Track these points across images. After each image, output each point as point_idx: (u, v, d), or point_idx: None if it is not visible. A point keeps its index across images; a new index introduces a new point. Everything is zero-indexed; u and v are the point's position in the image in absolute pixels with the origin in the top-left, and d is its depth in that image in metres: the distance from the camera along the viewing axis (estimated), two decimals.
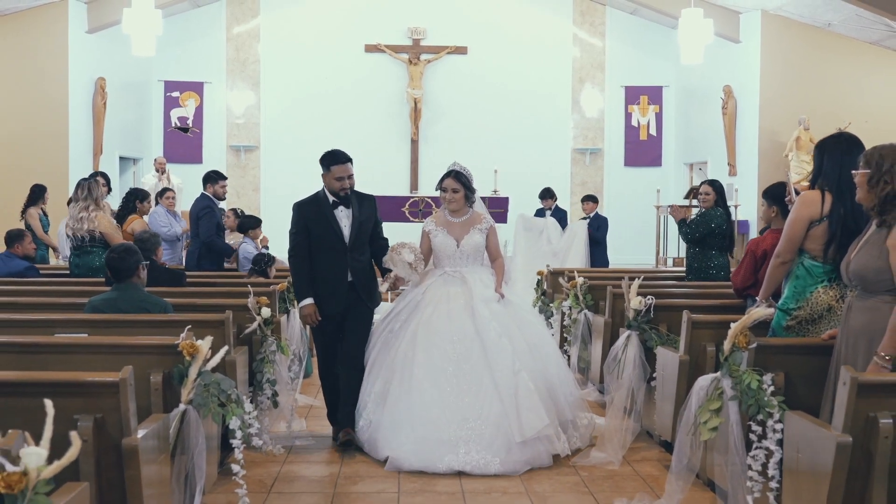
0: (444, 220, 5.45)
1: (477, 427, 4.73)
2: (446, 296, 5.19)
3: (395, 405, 4.90)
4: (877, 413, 2.86)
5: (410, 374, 4.93)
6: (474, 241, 5.36)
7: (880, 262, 3.42)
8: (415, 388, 4.87)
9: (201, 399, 3.49)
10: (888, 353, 3.29)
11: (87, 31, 14.00)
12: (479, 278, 5.29)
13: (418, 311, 5.17)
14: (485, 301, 5.14)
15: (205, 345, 3.54)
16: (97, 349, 3.61)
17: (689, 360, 4.51)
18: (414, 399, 4.84)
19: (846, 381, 2.90)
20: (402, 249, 5.25)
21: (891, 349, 3.29)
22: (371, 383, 5.10)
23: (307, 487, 4.46)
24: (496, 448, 4.69)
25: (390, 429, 4.84)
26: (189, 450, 3.48)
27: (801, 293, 4.15)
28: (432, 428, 4.74)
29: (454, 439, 4.71)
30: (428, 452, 4.69)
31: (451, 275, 5.30)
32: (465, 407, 4.79)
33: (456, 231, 5.38)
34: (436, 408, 4.80)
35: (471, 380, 4.88)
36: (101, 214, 6.66)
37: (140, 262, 4.60)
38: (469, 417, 4.77)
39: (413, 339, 5.04)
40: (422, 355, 4.96)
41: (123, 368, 2.79)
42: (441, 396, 4.83)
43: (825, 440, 2.93)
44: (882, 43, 13.93)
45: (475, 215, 5.46)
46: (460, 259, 5.35)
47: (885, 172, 3.46)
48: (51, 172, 13.00)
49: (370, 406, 5.03)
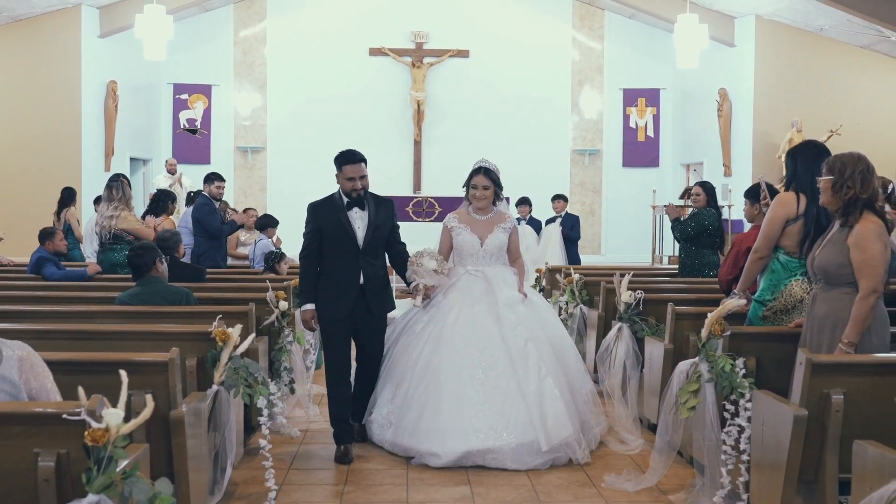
0: (467, 218, 5.33)
1: (505, 436, 4.68)
2: (470, 299, 5.09)
3: (420, 413, 4.83)
4: (829, 390, 3.25)
5: (437, 382, 4.84)
6: (498, 240, 5.26)
7: (842, 258, 3.82)
8: (442, 397, 4.79)
9: (231, 380, 3.89)
10: (850, 339, 3.69)
11: (99, 35, 14.34)
12: (502, 278, 5.20)
13: (441, 313, 5.08)
14: (510, 305, 5.06)
15: (235, 332, 3.95)
16: (138, 336, 4.02)
17: (673, 348, 4.91)
18: (441, 409, 4.76)
19: (802, 362, 3.30)
20: (422, 259, 5.12)
21: (853, 336, 3.70)
22: (391, 383, 5.06)
23: (324, 465, 4.85)
24: (520, 457, 4.68)
25: (415, 438, 4.79)
26: (220, 426, 3.88)
27: (777, 286, 4.55)
28: (461, 440, 4.68)
29: (482, 450, 4.67)
30: (457, 462, 4.68)
31: (474, 274, 5.21)
32: (494, 415, 4.73)
33: (480, 229, 5.28)
34: (464, 419, 4.72)
35: (498, 387, 4.81)
36: (129, 214, 7.10)
37: (157, 257, 5.01)
38: (497, 427, 4.71)
39: (437, 345, 4.96)
40: (448, 364, 4.87)
41: (171, 349, 3.19)
42: (469, 406, 4.75)
43: (785, 414, 3.34)
44: (873, 47, 14.26)
45: (499, 214, 5.36)
46: (483, 258, 5.25)
47: (848, 178, 3.85)
48: (64, 173, 13.39)
49: (391, 406, 5.00)
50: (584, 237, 16.72)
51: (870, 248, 3.72)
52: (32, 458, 2.36)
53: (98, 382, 2.82)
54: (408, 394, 4.94)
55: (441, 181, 15.26)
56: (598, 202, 16.70)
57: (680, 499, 4.25)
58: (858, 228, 3.75)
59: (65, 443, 2.37)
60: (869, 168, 3.84)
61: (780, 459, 3.35)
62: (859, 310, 3.70)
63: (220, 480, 3.89)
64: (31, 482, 2.36)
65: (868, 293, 3.71)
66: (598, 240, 16.70)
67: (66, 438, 2.37)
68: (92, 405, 2.32)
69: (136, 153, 15.47)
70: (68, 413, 2.32)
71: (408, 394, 4.94)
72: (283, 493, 4.34)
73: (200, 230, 8.42)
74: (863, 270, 3.72)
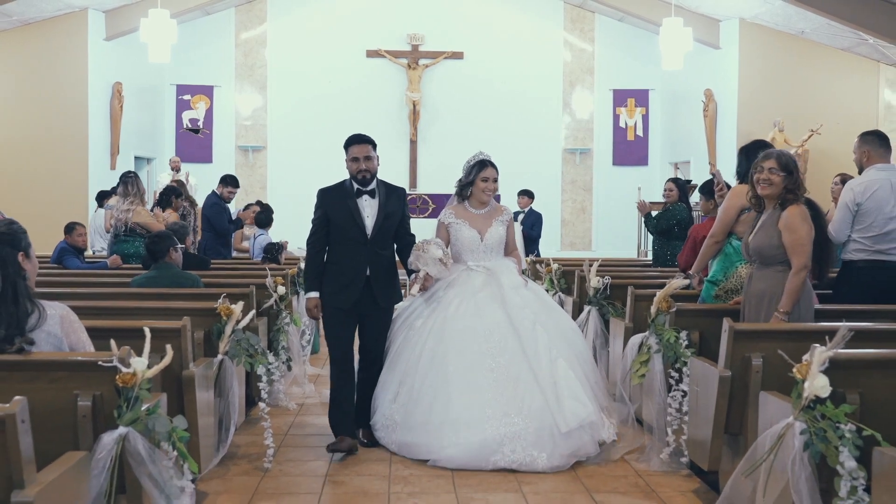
0: (464, 213, 5.21)
1: (520, 422, 4.54)
2: (472, 288, 4.97)
3: (429, 408, 4.68)
4: (751, 354, 3.76)
5: (445, 375, 4.69)
6: (498, 234, 5.17)
7: (774, 240, 4.34)
8: (452, 389, 4.64)
9: (235, 351, 4.42)
10: (785, 309, 4.23)
11: (104, 38, 14.64)
12: (503, 268, 5.10)
13: (441, 306, 4.95)
14: (514, 288, 4.96)
15: (237, 308, 4.47)
16: (152, 311, 4.55)
17: (633, 326, 5.42)
18: (452, 401, 4.62)
19: (726, 330, 3.82)
20: (429, 246, 4.96)
21: (787, 306, 4.24)
22: (393, 381, 4.91)
23: (317, 432, 5.37)
24: (542, 443, 4.52)
25: (427, 433, 4.65)
26: (225, 392, 4.40)
27: (729, 268, 5.08)
28: (475, 429, 4.54)
29: (498, 437, 4.52)
30: (473, 455, 4.53)
31: (475, 269, 5.08)
32: (506, 402, 4.59)
33: (479, 223, 5.17)
34: (476, 407, 4.59)
35: (509, 373, 4.67)
36: (143, 209, 7.66)
37: (172, 245, 5.54)
38: (510, 412, 4.57)
39: (440, 337, 4.81)
40: (454, 354, 4.73)
41: (183, 318, 3.72)
42: (480, 395, 4.61)
43: (712, 375, 3.86)
44: (852, 50, 14.58)
45: (496, 207, 5.28)
46: (484, 252, 5.13)
47: (794, 174, 4.37)
48: (72, 171, 13.83)
49: (394, 406, 4.84)
50: (575, 233, 17.27)
51: (799, 229, 4.25)
52: (73, 398, 2.88)
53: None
54: (413, 389, 4.77)
55: (436, 179, 15.60)
56: (588, 199, 17.09)
57: (633, 458, 4.76)
58: (787, 213, 4.28)
59: (99, 386, 2.90)
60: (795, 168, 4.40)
61: (709, 415, 3.87)
62: (792, 283, 4.23)
63: (225, 440, 4.41)
64: (72, 418, 2.87)
65: (800, 269, 4.25)
66: (589, 235, 17.09)
67: (101, 382, 2.89)
68: (122, 354, 2.84)
69: (141, 152, 15.84)
70: (103, 360, 2.84)
71: (413, 389, 4.77)
72: (280, 453, 4.87)
73: (208, 226, 8.93)
74: (794, 249, 4.25)
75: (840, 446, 2.75)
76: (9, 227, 3.02)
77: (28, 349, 2.94)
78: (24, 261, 3.02)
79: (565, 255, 15.06)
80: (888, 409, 2.94)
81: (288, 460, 4.79)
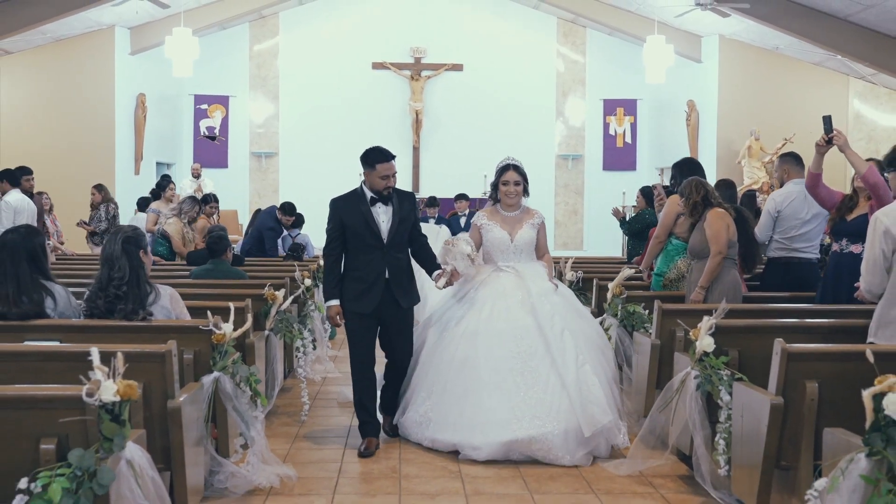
0: (496, 215, 5.36)
1: (548, 425, 4.68)
2: (503, 292, 5.09)
3: (462, 407, 4.85)
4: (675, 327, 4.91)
5: (477, 376, 4.85)
6: (528, 236, 5.27)
7: (703, 238, 5.53)
8: (483, 389, 4.81)
9: (278, 328, 5.60)
10: (702, 284, 5.46)
11: (129, 53, 15.64)
12: (533, 271, 5.22)
13: (474, 308, 5.08)
14: (544, 295, 5.06)
15: (280, 294, 5.65)
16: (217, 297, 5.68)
17: (597, 311, 6.58)
18: (483, 402, 4.79)
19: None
20: (458, 242, 5.12)
21: (704, 282, 5.47)
22: (427, 381, 5.06)
23: (339, 398, 6.52)
24: (567, 445, 4.69)
25: (459, 430, 4.82)
26: (271, 360, 5.58)
27: (671, 261, 6.25)
28: (506, 430, 4.70)
29: (527, 439, 4.68)
30: (503, 454, 4.74)
31: (505, 269, 5.21)
32: (535, 404, 4.74)
33: (509, 225, 5.30)
34: (506, 409, 4.74)
35: (538, 376, 4.82)
36: (177, 221, 8.90)
37: (228, 245, 6.71)
38: (539, 415, 4.72)
39: (474, 339, 4.96)
40: (486, 355, 4.89)
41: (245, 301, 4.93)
42: (510, 397, 4.77)
43: (646, 345, 5.04)
44: (823, 64, 15.59)
45: (527, 210, 5.40)
46: (514, 254, 5.26)
47: (689, 197, 5.61)
48: (100, 176, 14.66)
49: (428, 403, 5.01)
50: (568, 234, 18.18)
51: (714, 225, 5.49)
52: (180, 353, 4.05)
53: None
54: (446, 389, 4.93)
55: (437, 184, 16.48)
56: (580, 203, 17.98)
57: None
58: (707, 216, 5.53)
59: (199, 343, 4.10)
60: (701, 185, 5.62)
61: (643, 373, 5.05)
62: (709, 265, 5.47)
63: (271, 398, 5.59)
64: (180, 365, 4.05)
65: (715, 254, 5.47)
66: (581, 237, 18.03)
67: (199, 341, 4.09)
68: (216, 321, 4.03)
69: (162, 158, 16.83)
70: (202, 325, 4.02)
71: (446, 389, 4.93)
72: (311, 411, 6.03)
73: (257, 239, 9.85)
74: (711, 239, 5.48)
75: (720, 386, 3.92)
76: (134, 232, 4.18)
77: (149, 319, 4.12)
78: (144, 256, 4.19)
79: (558, 254, 15.93)
80: (759, 362, 4.08)
81: (318, 416, 5.97)
